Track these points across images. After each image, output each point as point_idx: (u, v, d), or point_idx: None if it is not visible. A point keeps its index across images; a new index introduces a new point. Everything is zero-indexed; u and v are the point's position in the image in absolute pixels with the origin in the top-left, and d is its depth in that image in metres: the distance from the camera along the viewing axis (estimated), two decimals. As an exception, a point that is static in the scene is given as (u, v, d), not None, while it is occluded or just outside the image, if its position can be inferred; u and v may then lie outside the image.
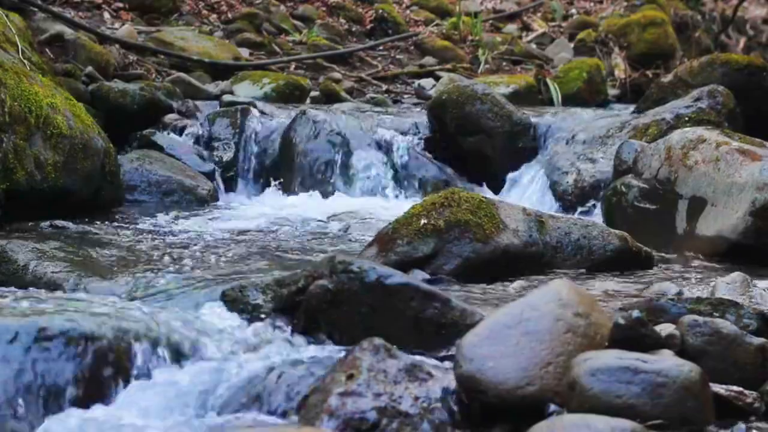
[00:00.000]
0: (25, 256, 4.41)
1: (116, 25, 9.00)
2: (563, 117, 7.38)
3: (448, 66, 9.61)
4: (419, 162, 7.02)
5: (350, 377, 2.90)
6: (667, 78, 7.63)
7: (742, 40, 12.40)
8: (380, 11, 10.47)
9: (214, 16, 9.89)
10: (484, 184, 6.91)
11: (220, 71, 8.58)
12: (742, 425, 2.87)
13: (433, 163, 7.04)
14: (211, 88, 8.19)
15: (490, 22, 11.17)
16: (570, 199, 6.47)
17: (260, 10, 9.89)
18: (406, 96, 9.00)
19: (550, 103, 8.70)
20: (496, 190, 6.82)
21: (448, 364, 3.15)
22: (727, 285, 4.00)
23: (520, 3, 11.79)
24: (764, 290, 4.04)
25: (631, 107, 7.96)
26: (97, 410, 3.04)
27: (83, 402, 3.06)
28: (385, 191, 6.88)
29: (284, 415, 3.04)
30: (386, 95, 8.90)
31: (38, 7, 8.34)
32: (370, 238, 4.65)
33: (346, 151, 6.97)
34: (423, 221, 4.47)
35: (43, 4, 8.43)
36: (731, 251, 5.01)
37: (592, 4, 12.09)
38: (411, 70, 9.60)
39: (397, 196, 6.85)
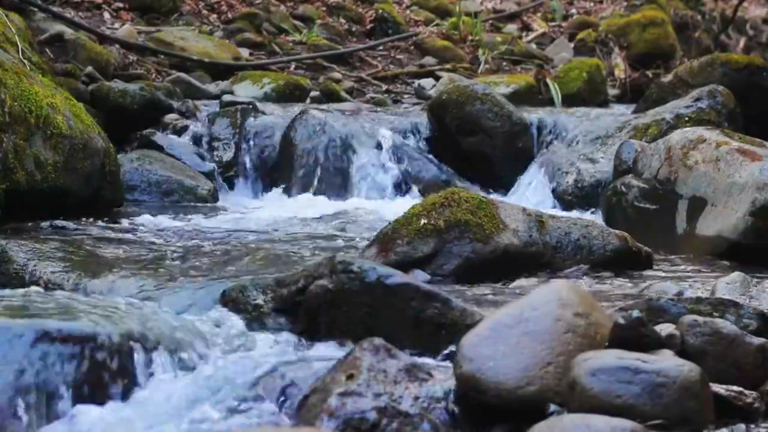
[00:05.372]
0: (25, 256, 4.41)
1: (116, 25, 9.00)
2: (563, 117, 7.37)
3: (448, 66, 9.61)
4: (419, 162, 7.02)
5: (350, 377, 2.90)
6: (667, 78, 7.64)
7: (742, 40, 12.40)
8: (380, 11, 10.46)
9: (214, 16, 9.89)
10: (484, 184, 6.91)
11: (220, 71, 8.58)
12: (742, 425, 2.87)
13: (433, 163, 7.04)
14: (211, 88, 8.19)
15: (490, 22, 11.17)
16: (570, 199, 6.47)
17: (260, 10, 9.89)
18: (406, 96, 8.99)
19: (550, 103, 8.70)
20: (496, 189, 6.82)
21: (448, 364, 3.15)
22: (727, 285, 3.99)
23: (520, 3, 11.79)
24: (764, 290, 4.04)
25: (631, 107, 7.96)
26: (97, 412, 3.04)
27: (82, 404, 3.06)
28: (385, 191, 6.88)
29: (284, 415, 3.04)
30: (386, 95, 8.89)
31: (38, 7, 8.34)
32: (370, 238, 4.65)
33: (346, 151, 6.96)
34: (423, 221, 4.47)
35: (43, 4, 8.43)
36: (731, 251, 5.00)
37: (592, 4, 12.09)
38: (411, 70, 9.60)
39: (397, 196, 6.85)
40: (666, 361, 2.81)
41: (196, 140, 7.09)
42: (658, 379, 2.74)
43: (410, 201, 6.39)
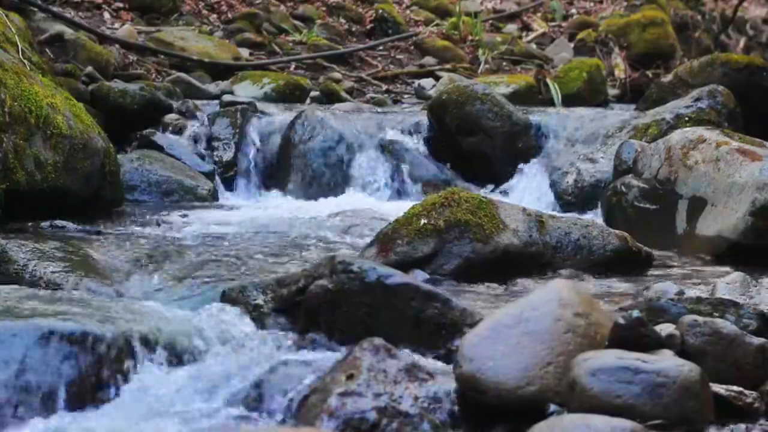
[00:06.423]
0: (25, 256, 4.41)
1: (116, 25, 9.00)
2: (563, 117, 7.37)
3: (448, 66, 9.61)
4: (419, 162, 7.02)
5: (350, 377, 2.90)
6: (667, 78, 7.64)
7: (742, 40, 12.40)
8: (380, 11, 10.47)
9: (214, 16, 9.89)
10: (484, 184, 6.91)
11: (220, 71, 8.58)
12: (742, 425, 2.87)
13: (433, 163, 7.04)
14: (211, 88, 8.19)
15: (490, 22, 11.18)
16: (570, 199, 6.47)
17: (260, 10, 9.89)
18: (406, 96, 9.00)
19: (550, 103, 8.69)
20: (496, 190, 6.82)
21: (448, 364, 3.15)
22: (727, 285, 4.00)
23: (520, 3, 11.79)
24: (764, 290, 4.04)
25: (631, 107, 7.96)
26: (97, 411, 3.05)
27: (82, 402, 3.06)
28: (385, 191, 6.88)
29: (284, 415, 3.04)
30: (386, 95, 8.89)
31: (38, 7, 8.34)
32: (370, 238, 4.66)
33: (346, 151, 6.96)
34: (423, 221, 4.47)
35: (43, 4, 8.43)
36: (731, 251, 5.01)
37: (592, 4, 12.09)
38: (411, 70, 9.61)
39: (397, 196, 6.85)
40: (666, 361, 2.81)
41: (196, 140, 7.09)
42: (658, 379, 2.74)
43: (410, 201, 6.39)
